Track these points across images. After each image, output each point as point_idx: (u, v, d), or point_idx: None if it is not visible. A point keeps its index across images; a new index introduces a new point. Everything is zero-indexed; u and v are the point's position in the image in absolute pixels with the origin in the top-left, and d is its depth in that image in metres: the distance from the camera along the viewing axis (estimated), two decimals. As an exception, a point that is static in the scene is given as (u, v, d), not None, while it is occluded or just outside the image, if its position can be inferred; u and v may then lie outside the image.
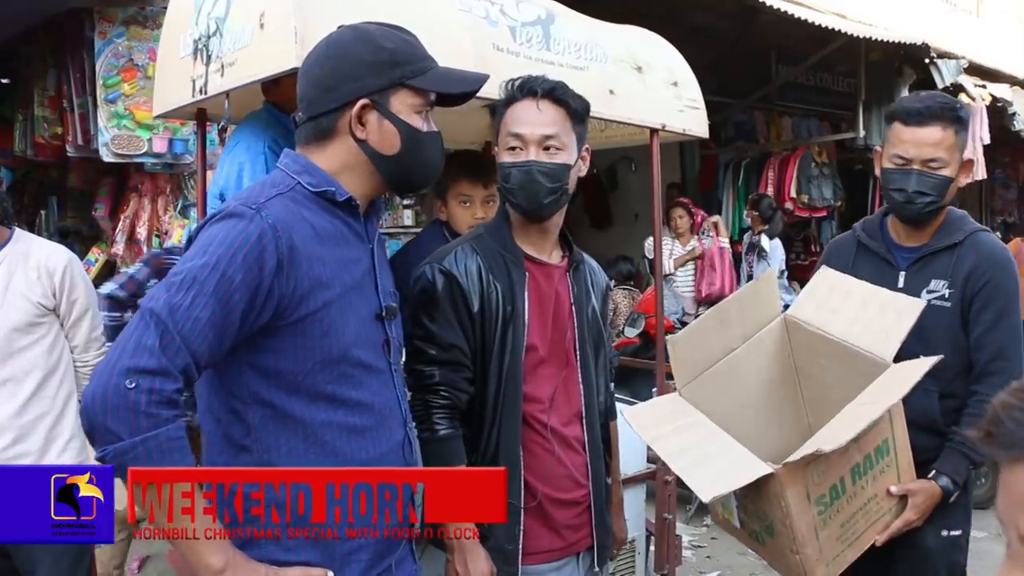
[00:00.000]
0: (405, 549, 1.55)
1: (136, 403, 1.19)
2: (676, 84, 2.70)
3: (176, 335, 1.23)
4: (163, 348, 1.22)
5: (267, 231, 1.30)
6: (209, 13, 2.04)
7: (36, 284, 2.49)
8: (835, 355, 2.00)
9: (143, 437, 1.20)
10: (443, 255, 1.79)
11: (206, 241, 1.31)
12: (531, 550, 1.78)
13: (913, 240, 2.13)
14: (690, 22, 6.50)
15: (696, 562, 4.28)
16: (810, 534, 1.76)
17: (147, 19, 4.41)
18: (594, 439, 1.89)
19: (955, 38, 7.37)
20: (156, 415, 1.21)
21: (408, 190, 1.64)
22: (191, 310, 1.24)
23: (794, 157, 7.76)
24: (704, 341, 2.09)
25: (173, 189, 4.75)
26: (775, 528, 1.79)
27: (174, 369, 1.23)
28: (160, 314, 1.23)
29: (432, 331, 1.74)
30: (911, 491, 1.93)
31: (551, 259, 1.88)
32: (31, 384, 2.48)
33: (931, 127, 2.00)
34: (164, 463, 1.22)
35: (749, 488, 1.76)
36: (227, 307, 1.27)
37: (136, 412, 1.19)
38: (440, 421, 1.72)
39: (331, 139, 1.45)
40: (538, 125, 1.75)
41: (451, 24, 2.06)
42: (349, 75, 1.42)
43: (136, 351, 1.21)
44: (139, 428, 1.20)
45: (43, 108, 4.92)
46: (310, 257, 1.35)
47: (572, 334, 1.87)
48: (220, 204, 1.74)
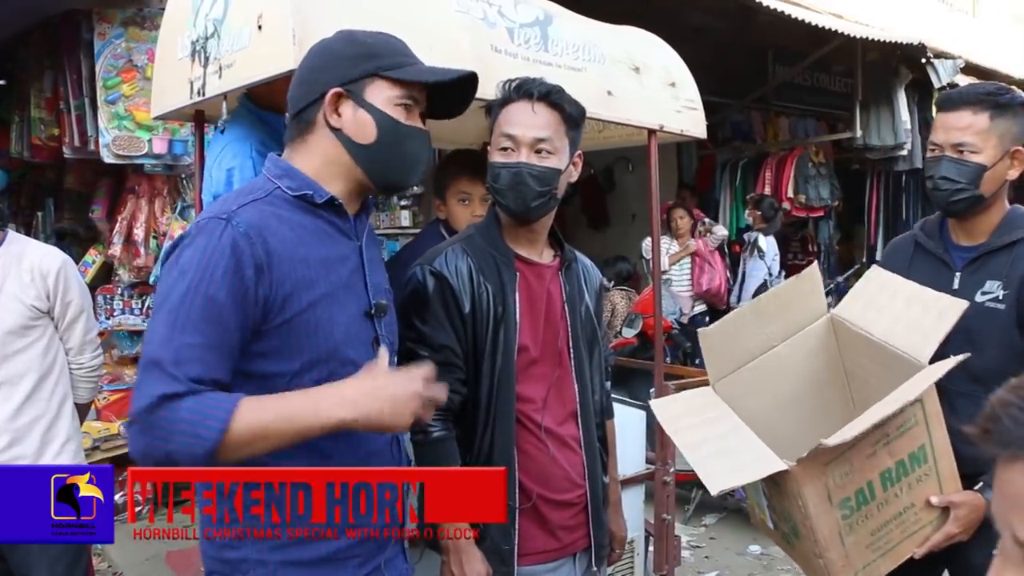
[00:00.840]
0: (396, 548, 1.55)
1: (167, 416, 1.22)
2: (674, 85, 2.70)
3: (172, 369, 1.23)
4: (159, 386, 1.22)
5: (239, 239, 1.30)
6: (207, 15, 2.03)
7: (30, 287, 2.48)
8: (876, 356, 1.94)
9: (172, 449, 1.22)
10: (433, 256, 1.80)
11: (184, 263, 1.30)
12: (526, 551, 1.78)
13: (969, 239, 2.02)
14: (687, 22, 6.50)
15: (694, 562, 4.28)
16: (833, 538, 1.71)
17: (145, 20, 4.41)
18: (590, 438, 1.89)
19: (951, 38, 7.39)
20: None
21: (391, 186, 1.56)
22: (183, 337, 1.25)
23: (791, 157, 7.78)
24: (740, 335, 2.04)
25: (171, 191, 4.75)
26: (799, 530, 1.76)
27: (173, 392, 1.23)
28: (156, 355, 1.24)
29: (424, 332, 1.75)
30: (954, 503, 1.80)
31: (542, 259, 1.88)
32: (26, 387, 2.48)
33: (961, 111, 1.93)
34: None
35: (774, 487, 1.74)
36: (220, 326, 1.27)
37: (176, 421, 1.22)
38: (433, 423, 1.71)
39: (311, 132, 1.46)
40: (531, 127, 1.75)
41: (449, 25, 2.06)
42: (326, 68, 1.45)
43: (139, 396, 1.23)
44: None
45: (39, 109, 4.91)
46: (291, 259, 1.35)
47: (565, 333, 1.87)
48: None
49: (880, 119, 7.21)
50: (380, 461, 1.49)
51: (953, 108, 1.95)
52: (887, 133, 7.20)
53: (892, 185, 8.20)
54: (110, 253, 4.67)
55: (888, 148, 7.28)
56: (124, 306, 4.73)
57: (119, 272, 4.72)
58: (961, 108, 1.93)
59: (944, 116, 1.97)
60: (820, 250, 8.35)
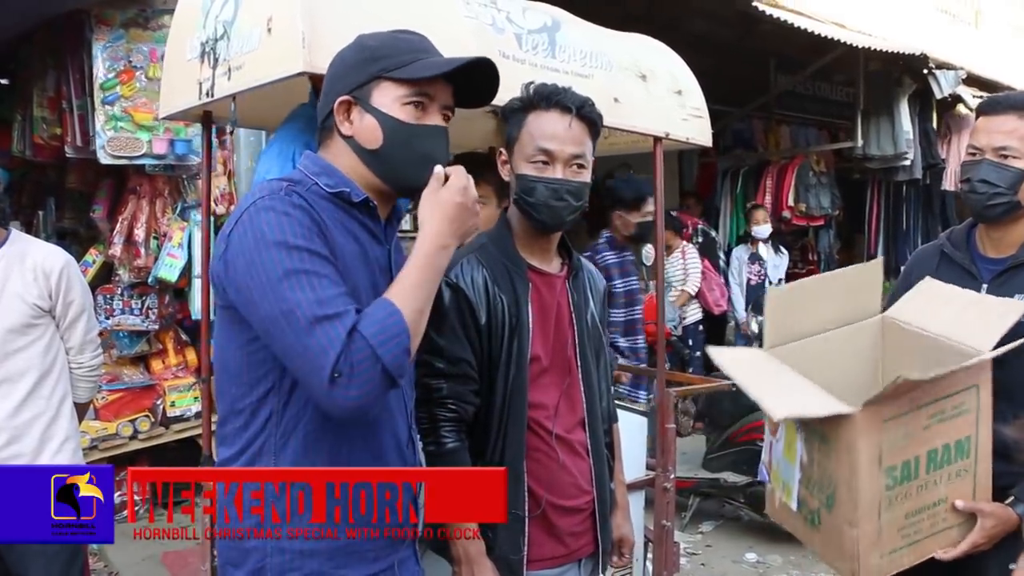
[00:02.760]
0: (408, 550, 1.56)
1: (359, 358, 1.27)
2: (680, 93, 2.70)
3: (337, 313, 1.28)
4: (340, 325, 1.27)
5: (299, 202, 1.35)
6: (217, 16, 2.03)
7: (32, 285, 2.48)
8: (931, 353, 1.89)
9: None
10: (449, 267, 1.78)
11: (270, 230, 1.31)
12: (534, 557, 1.78)
13: (999, 251, 1.99)
14: (690, 29, 6.52)
15: (691, 569, 4.28)
16: (872, 508, 1.67)
17: (147, 20, 4.41)
18: (597, 444, 1.89)
19: (954, 49, 7.40)
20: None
21: (406, 187, 1.51)
22: (324, 292, 1.29)
23: (792, 166, 7.79)
24: (800, 307, 2.02)
25: (172, 191, 4.75)
26: (836, 497, 1.72)
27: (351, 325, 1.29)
28: (314, 313, 1.27)
29: (440, 345, 1.74)
30: (983, 512, 1.77)
31: (552, 268, 1.89)
32: (26, 385, 2.48)
33: (1005, 115, 1.92)
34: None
35: (820, 445, 1.73)
36: (333, 269, 1.33)
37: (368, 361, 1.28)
38: (448, 434, 1.72)
39: (330, 140, 1.49)
40: (568, 143, 1.75)
41: (458, 31, 2.06)
42: (338, 77, 1.47)
43: (327, 348, 1.26)
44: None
45: (42, 109, 4.90)
46: (335, 241, 1.38)
47: (573, 342, 1.87)
48: None
49: (881, 129, 7.22)
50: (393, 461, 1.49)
51: (998, 112, 1.93)
52: (887, 143, 7.21)
53: (893, 195, 8.21)
54: (110, 253, 4.66)
55: (889, 158, 7.29)
56: (124, 306, 4.72)
57: (119, 272, 4.71)
58: (1006, 112, 1.92)
59: (987, 120, 1.95)
60: (820, 259, 8.37)
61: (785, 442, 1.93)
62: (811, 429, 1.81)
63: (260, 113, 2.43)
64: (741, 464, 4.60)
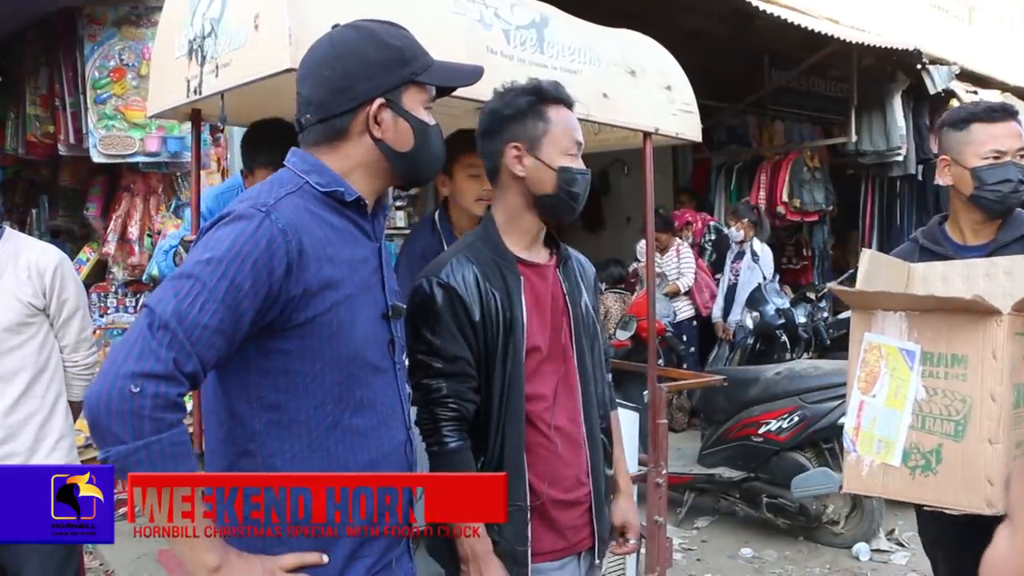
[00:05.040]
0: (403, 546, 1.57)
1: (140, 407, 1.19)
2: (669, 88, 2.71)
3: (185, 342, 1.23)
4: (170, 354, 1.21)
5: (276, 235, 1.31)
6: (204, 14, 2.04)
7: (26, 284, 2.48)
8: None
9: (146, 441, 1.20)
10: (439, 267, 1.78)
11: (215, 244, 1.30)
12: (537, 551, 1.79)
13: (980, 238, 2.16)
14: (683, 25, 6.52)
15: (686, 565, 4.28)
16: (1007, 423, 1.60)
17: (140, 17, 4.41)
18: (592, 431, 1.89)
19: (947, 44, 7.41)
20: (160, 419, 1.21)
21: (416, 183, 1.68)
22: (200, 317, 1.24)
23: (786, 162, 7.79)
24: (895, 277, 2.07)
25: (166, 189, 4.75)
26: (971, 417, 1.64)
27: (180, 374, 1.22)
28: (168, 321, 1.23)
29: (436, 345, 1.73)
30: None
31: (541, 259, 1.90)
32: (20, 383, 2.47)
33: (1008, 122, 2.11)
34: (167, 468, 1.23)
35: (946, 370, 1.69)
36: (236, 314, 1.27)
37: (140, 416, 1.19)
38: (450, 434, 1.72)
39: (345, 140, 1.46)
40: (580, 134, 1.83)
41: (445, 27, 2.07)
42: (361, 75, 1.43)
43: (142, 356, 1.21)
44: (142, 432, 1.20)
45: (35, 106, 4.89)
46: (319, 258, 1.36)
47: (568, 329, 1.88)
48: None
49: (874, 124, 7.23)
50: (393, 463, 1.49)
51: (1008, 119, 2.12)
52: (881, 138, 7.22)
53: (887, 190, 8.23)
54: (104, 251, 4.66)
55: (882, 153, 7.30)
56: (118, 304, 4.73)
57: (113, 270, 4.71)
58: (1008, 119, 2.12)
59: (1005, 125, 2.12)
60: (814, 255, 8.37)
61: (889, 391, 1.85)
62: (937, 356, 1.76)
63: (249, 110, 2.43)
64: (736, 460, 4.61)
